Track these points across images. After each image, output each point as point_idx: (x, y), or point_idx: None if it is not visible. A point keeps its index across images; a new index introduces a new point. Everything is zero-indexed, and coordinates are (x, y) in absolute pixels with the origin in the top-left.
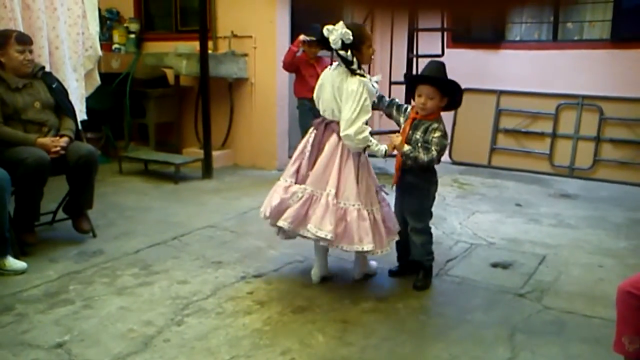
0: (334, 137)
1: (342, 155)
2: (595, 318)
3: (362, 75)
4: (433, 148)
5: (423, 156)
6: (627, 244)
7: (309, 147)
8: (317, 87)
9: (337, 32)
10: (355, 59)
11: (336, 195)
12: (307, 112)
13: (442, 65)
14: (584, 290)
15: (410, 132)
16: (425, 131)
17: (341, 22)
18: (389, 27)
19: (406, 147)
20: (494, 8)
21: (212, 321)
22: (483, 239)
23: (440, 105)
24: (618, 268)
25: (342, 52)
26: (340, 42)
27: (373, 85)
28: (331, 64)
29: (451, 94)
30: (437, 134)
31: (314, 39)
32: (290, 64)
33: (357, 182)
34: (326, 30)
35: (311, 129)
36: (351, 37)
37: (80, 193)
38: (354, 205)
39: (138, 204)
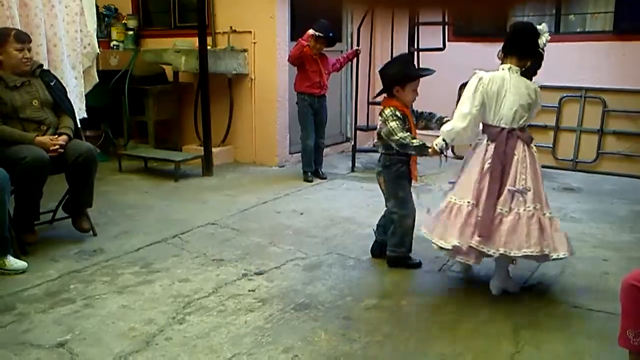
0: (520, 145)
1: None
2: (600, 312)
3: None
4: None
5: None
6: (631, 237)
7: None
8: (485, 95)
9: (548, 35)
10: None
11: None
12: (306, 108)
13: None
14: (588, 284)
15: (416, 122)
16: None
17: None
18: (390, 21)
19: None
20: (494, 6)
21: (214, 319)
22: None
23: None
24: (622, 261)
25: (543, 53)
26: (544, 45)
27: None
28: (336, 66)
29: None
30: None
31: (322, 34)
32: (297, 58)
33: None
34: (543, 27)
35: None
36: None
37: (79, 191)
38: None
39: (138, 202)
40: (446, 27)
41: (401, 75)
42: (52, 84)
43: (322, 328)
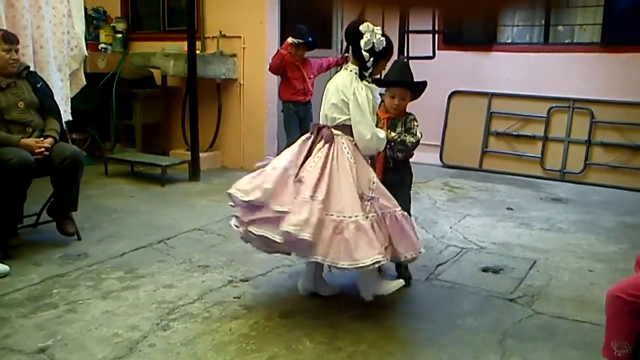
0: (322, 143)
1: (334, 164)
2: (585, 323)
3: (369, 83)
4: (417, 132)
5: (411, 138)
6: (617, 248)
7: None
8: (324, 94)
9: (374, 35)
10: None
11: (325, 205)
12: (291, 116)
13: (408, 64)
14: (574, 295)
15: (389, 130)
16: (404, 124)
17: (379, 28)
18: (380, 28)
19: (393, 134)
20: (485, 6)
21: (199, 326)
22: (474, 243)
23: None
24: (608, 272)
25: (365, 54)
26: (371, 45)
27: (376, 96)
28: (323, 66)
29: (417, 90)
30: (416, 123)
31: (301, 41)
32: (278, 67)
33: (354, 191)
34: (365, 26)
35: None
36: (383, 46)
37: (64, 195)
38: (350, 217)
39: (124, 207)
40: (436, 35)
41: (382, 78)
42: (38, 85)
43: (307, 336)
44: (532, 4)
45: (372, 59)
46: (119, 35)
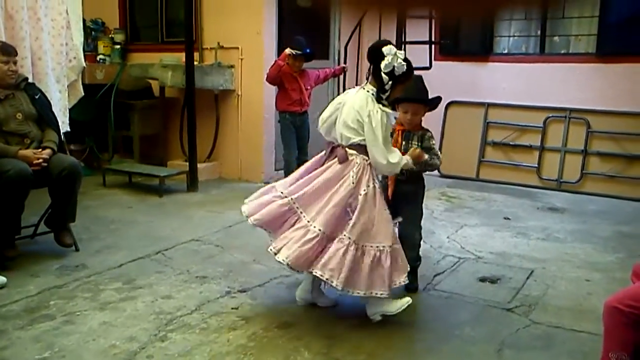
0: (335, 163)
1: (338, 186)
2: (582, 333)
3: (385, 106)
4: (438, 152)
5: (437, 161)
6: (614, 257)
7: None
8: (332, 107)
9: (396, 59)
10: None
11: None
12: (288, 126)
13: (422, 78)
14: (571, 305)
15: (403, 142)
16: (421, 140)
17: (402, 52)
18: (377, 39)
19: (426, 156)
20: (482, 7)
21: (196, 337)
22: (471, 253)
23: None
24: (605, 282)
25: (385, 77)
26: (392, 68)
27: (391, 120)
28: (320, 77)
29: (431, 105)
30: (433, 140)
31: (299, 52)
32: (275, 78)
33: (348, 214)
34: (388, 49)
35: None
36: (403, 70)
37: (62, 206)
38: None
39: (122, 217)
40: (432, 46)
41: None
42: (36, 97)
43: (305, 347)
44: (529, 4)
45: (390, 82)
46: (117, 47)
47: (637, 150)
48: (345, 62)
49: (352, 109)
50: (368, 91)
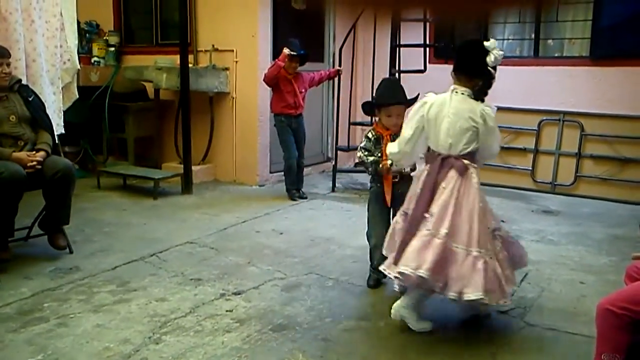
0: (452, 174)
1: (461, 194)
2: (577, 335)
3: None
4: None
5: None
6: (608, 260)
7: (419, 188)
8: (414, 123)
9: (498, 50)
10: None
11: (450, 235)
12: (284, 128)
13: (398, 80)
14: (565, 307)
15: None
16: None
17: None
18: (371, 42)
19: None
20: (477, 7)
21: (191, 339)
22: None
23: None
24: (599, 284)
25: (492, 71)
26: (499, 61)
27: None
28: (314, 80)
29: (413, 103)
30: None
31: (295, 52)
32: (273, 78)
33: (478, 223)
34: (491, 43)
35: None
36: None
37: (56, 208)
38: (469, 250)
39: (116, 220)
40: (427, 49)
41: (375, 99)
42: (30, 99)
43: (300, 349)
44: (523, 3)
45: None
46: (112, 49)
47: (631, 153)
48: (340, 65)
49: (460, 118)
50: (463, 93)
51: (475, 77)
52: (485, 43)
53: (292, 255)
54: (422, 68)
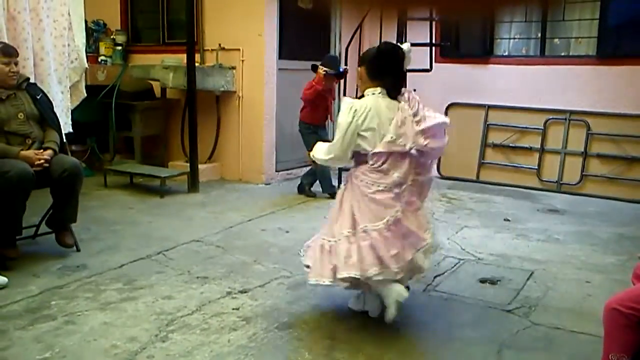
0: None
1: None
2: (583, 334)
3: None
4: None
5: None
6: (614, 259)
7: None
8: (374, 119)
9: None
10: None
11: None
12: (311, 135)
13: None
14: (571, 306)
15: None
16: None
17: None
18: (377, 41)
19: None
20: (484, 6)
21: (197, 337)
22: (471, 254)
23: None
24: (606, 284)
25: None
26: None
27: None
28: (343, 93)
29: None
30: None
31: (333, 71)
32: (312, 102)
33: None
34: (407, 46)
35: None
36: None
37: (64, 206)
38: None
39: (123, 218)
40: (433, 48)
41: None
42: (38, 97)
43: (305, 348)
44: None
45: None
46: (119, 48)
47: (637, 152)
48: (346, 64)
49: (404, 116)
50: (381, 94)
51: (388, 79)
52: (404, 46)
53: (298, 253)
54: (428, 67)
